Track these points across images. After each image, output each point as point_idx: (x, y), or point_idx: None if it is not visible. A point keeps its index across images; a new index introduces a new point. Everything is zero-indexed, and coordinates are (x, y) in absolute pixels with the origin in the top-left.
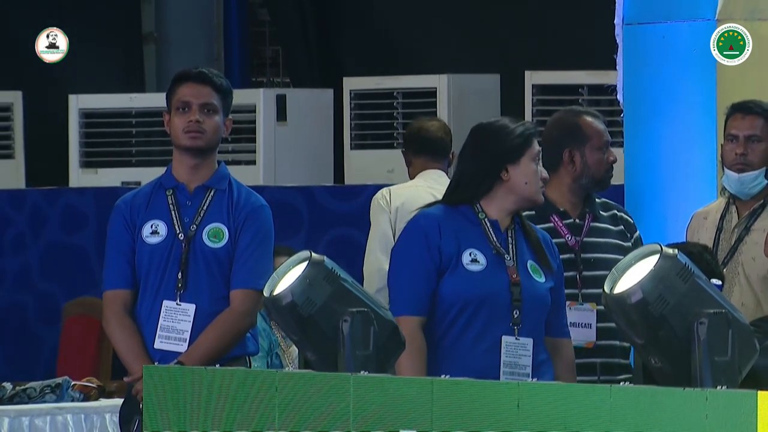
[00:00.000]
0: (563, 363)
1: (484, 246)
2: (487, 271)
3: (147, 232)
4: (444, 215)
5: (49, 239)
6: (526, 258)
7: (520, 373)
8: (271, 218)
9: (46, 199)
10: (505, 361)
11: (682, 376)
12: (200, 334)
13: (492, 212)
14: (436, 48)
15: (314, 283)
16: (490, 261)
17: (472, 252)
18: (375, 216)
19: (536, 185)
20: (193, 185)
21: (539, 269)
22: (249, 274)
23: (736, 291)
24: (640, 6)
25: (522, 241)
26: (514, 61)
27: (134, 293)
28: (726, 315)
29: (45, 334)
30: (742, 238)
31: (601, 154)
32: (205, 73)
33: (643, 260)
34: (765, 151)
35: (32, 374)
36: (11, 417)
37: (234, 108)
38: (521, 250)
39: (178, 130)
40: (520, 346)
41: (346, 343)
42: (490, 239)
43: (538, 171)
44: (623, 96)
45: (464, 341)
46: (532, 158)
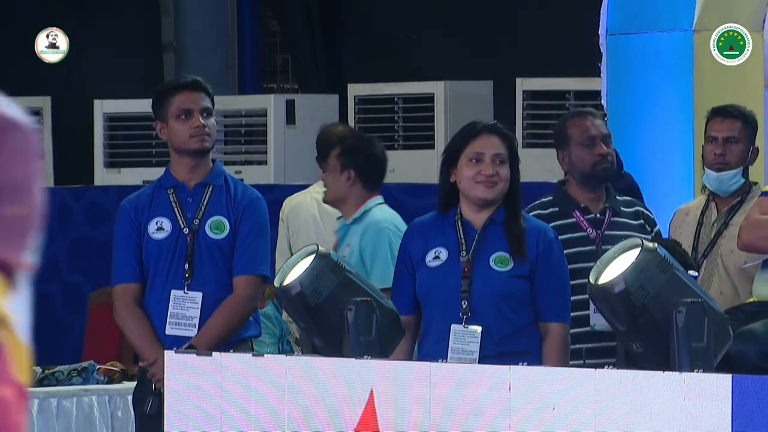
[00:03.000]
0: (546, 346)
1: (451, 244)
2: (443, 266)
3: (153, 229)
4: (427, 221)
5: (76, 233)
6: (494, 251)
7: (467, 359)
8: (266, 209)
9: (72, 196)
10: (452, 347)
11: (661, 361)
12: (208, 319)
13: (465, 213)
14: (433, 56)
15: (321, 274)
16: (451, 257)
17: (437, 250)
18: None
19: (471, 184)
20: (192, 183)
21: (509, 259)
22: (250, 261)
23: (715, 281)
24: (622, 18)
25: (495, 235)
26: (506, 68)
27: (142, 286)
28: (702, 304)
29: (72, 321)
30: (721, 232)
31: (585, 150)
32: (199, 80)
33: (626, 253)
34: (742, 151)
35: (60, 359)
36: (41, 398)
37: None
38: (489, 244)
39: (183, 136)
40: (468, 334)
41: (350, 330)
42: (459, 238)
43: (484, 168)
44: (607, 101)
45: (424, 331)
46: (469, 158)
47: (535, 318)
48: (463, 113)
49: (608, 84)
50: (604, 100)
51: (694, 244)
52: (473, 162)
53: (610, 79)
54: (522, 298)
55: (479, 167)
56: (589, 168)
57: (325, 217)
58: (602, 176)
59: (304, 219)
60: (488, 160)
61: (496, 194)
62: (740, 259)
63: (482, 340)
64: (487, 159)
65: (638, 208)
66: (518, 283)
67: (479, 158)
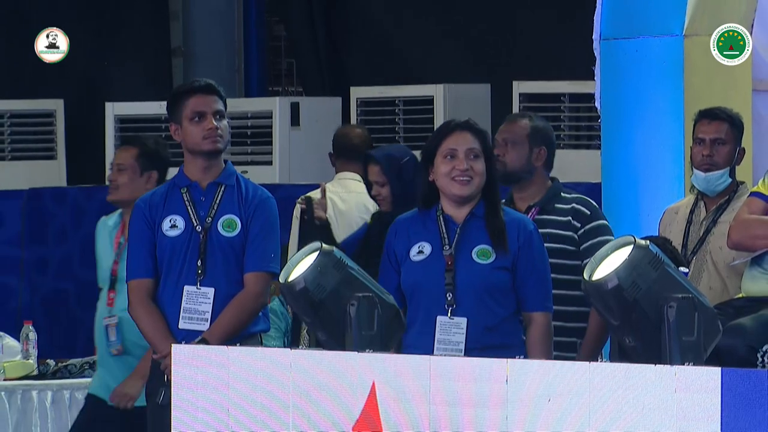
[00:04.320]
0: (530, 335)
1: (434, 239)
2: (427, 260)
3: (166, 227)
4: (409, 218)
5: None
6: (476, 244)
7: (452, 350)
8: (276, 208)
9: (85, 195)
10: (438, 338)
11: (653, 354)
12: (220, 314)
13: (446, 209)
14: (433, 61)
15: (324, 270)
16: (434, 251)
17: (421, 245)
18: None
19: (447, 180)
20: (205, 183)
21: (491, 252)
22: (260, 258)
23: (704, 276)
24: (615, 23)
25: (476, 229)
26: (503, 72)
27: (155, 281)
28: (692, 299)
29: (84, 316)
30: (710, 230)
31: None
32: (212, 84)
33: (619, 250)
34: (729, 152)
35: (72, 352)
36: (54, 390)
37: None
38: (471, 238)
39: (196, 137)
40: (453, 325)
41: (353, 324)
42: (441, 233)
43: (458, 163)
44: (601, 103)
45: (410, 323)
46: (444, 155)
47: (518, 308)
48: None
49: (602, 87)
50: (598, 103)
51: (683, 241)
52: (448, 159)
53: (603, 82)
54: (505, 289)
55: (453, 163)
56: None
57: (338, 215)
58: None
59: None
60: (462, 156)
61: (472, 190)
62: (728, 255)
63: (467, 331)
64: (461, 154)
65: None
66: (501, 274)
67: (453, 154)
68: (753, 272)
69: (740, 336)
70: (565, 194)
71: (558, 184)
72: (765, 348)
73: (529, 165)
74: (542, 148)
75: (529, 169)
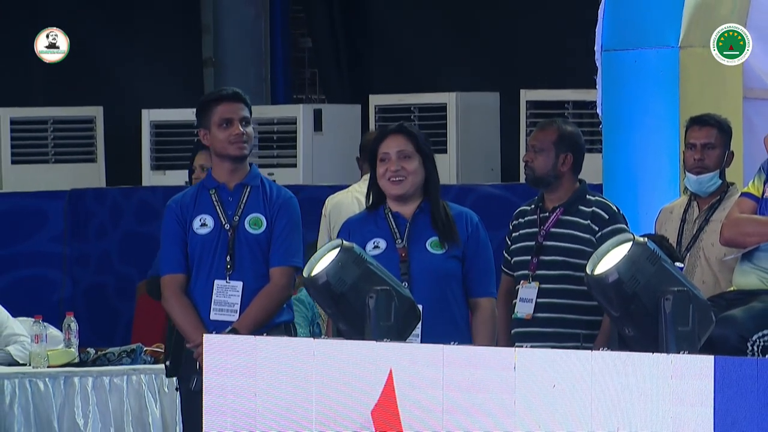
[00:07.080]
0: (477, 319)
1: (386, 235)
2: (384, 254)
3: (197, 225)
4: (359, 219)
5: (126, 229)
6: (428, 237)
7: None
8: (298, 207)
9: (123, 195)
10: None
11: (650, 343)
12: (248, 306)
13: (393, 207)
14: (447, 70)
15: (345, 265)
16: (388, 246)
17: (375, 240)
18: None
19: (383, 182)
20: (232, 184)
21: (442, 243)
22: (285, 254)
23: (697, 271)
24: (615, 35)
25: (425, 223)
26: (511, 81)
27: (187, 276)
28: (688, 292)
29: (122, 308)
30: (703, 228)
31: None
32: (239, 92)
33: (619, 247)
34: (719, 156)
35: (111, 341)
36: (94, 377)
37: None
38: (421, 231)
39: (223, 142)
40: None
41: (371, 315)
42: (392, 228)
43: (390, 165)
44: (602, 110)
45: None
46: (379, 159)
47: (465, 295)
48: (473, 121)
49: (603, 95)
50: (600, 110)
51: (678, 238)
52: (382, 162)
53: (605, 90)
54: (457, 276)
55: (386, 165)
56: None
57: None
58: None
59: (345, 215)
60: (393, 158)
61: (406, 188)
62: (720, 252)
63: (422, 317)
64: (393, 157)
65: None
66: (454, 263)
67: (385, 157)
68: (743, 267)
69: (732, 326)
70: (589, 196)
71: (584, 186)
72: (755, 337)
73: (555, 170)
74: (568, 154)
75: (556, 174)
